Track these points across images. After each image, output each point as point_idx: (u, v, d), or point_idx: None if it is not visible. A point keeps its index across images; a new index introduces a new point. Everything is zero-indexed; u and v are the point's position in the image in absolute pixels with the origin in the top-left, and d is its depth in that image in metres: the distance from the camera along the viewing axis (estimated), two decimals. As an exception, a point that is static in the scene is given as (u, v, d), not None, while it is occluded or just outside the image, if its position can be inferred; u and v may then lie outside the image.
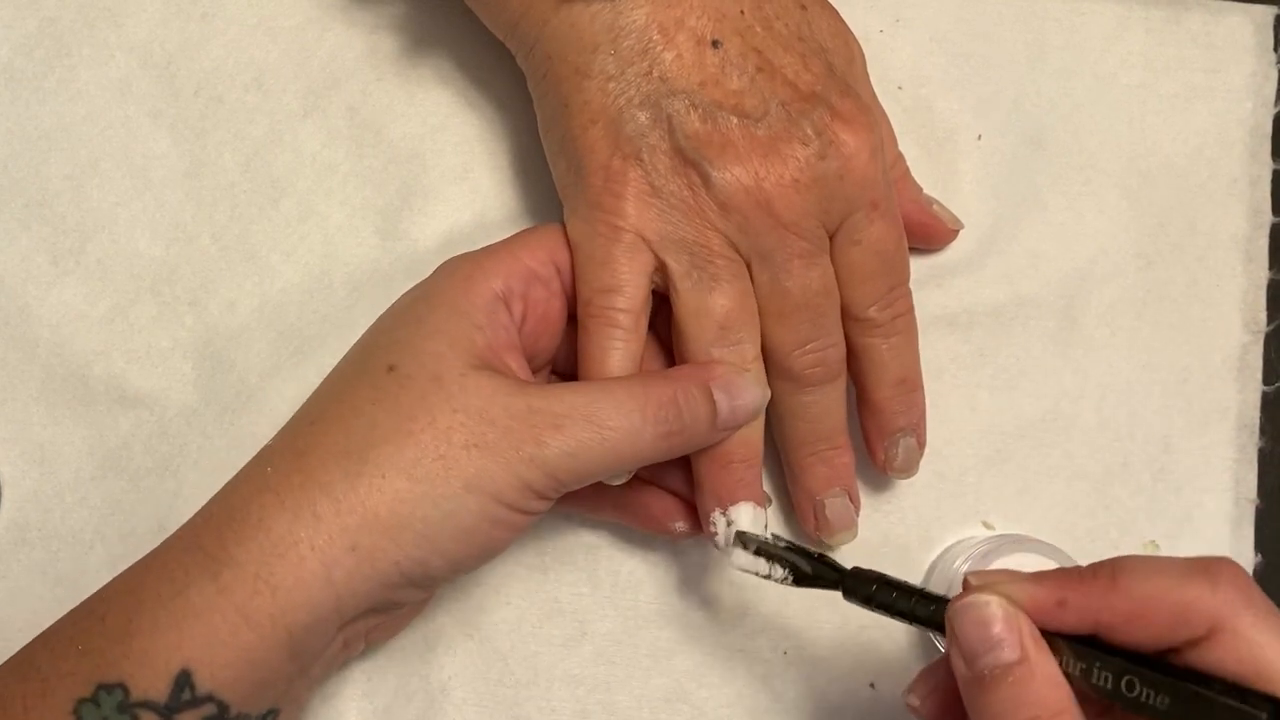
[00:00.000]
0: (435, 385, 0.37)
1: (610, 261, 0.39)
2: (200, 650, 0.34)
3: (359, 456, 0.36)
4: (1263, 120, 0.48)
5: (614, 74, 0.39)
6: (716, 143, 0.39)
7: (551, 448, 0.36)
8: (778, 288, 0.40)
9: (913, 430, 0.43)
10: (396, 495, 0.35)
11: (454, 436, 0.36)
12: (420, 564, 0.36)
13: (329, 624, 0.36)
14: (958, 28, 0.48)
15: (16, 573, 0.44)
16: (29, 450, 0.45)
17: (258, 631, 0.35)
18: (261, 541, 0.35)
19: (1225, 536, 0.46)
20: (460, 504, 0.36)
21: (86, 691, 0.34)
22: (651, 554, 0.46)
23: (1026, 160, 0.47)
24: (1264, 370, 0.47)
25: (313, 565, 0.35)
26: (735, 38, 0.40)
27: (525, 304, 0.40)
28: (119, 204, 0.46)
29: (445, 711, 0.44)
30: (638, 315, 0.40)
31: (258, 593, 0.35)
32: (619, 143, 0.39)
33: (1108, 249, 0.47)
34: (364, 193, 0.47)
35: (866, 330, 0.41)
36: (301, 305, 0.46)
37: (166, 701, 0.34)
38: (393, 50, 0.47)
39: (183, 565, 0.36)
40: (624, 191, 0.39)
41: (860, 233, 0.40)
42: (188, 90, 0.47)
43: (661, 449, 0.38)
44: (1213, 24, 0.48)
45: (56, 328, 0.46)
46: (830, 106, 0.40)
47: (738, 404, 0.39)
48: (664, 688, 0.45)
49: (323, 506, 0.35)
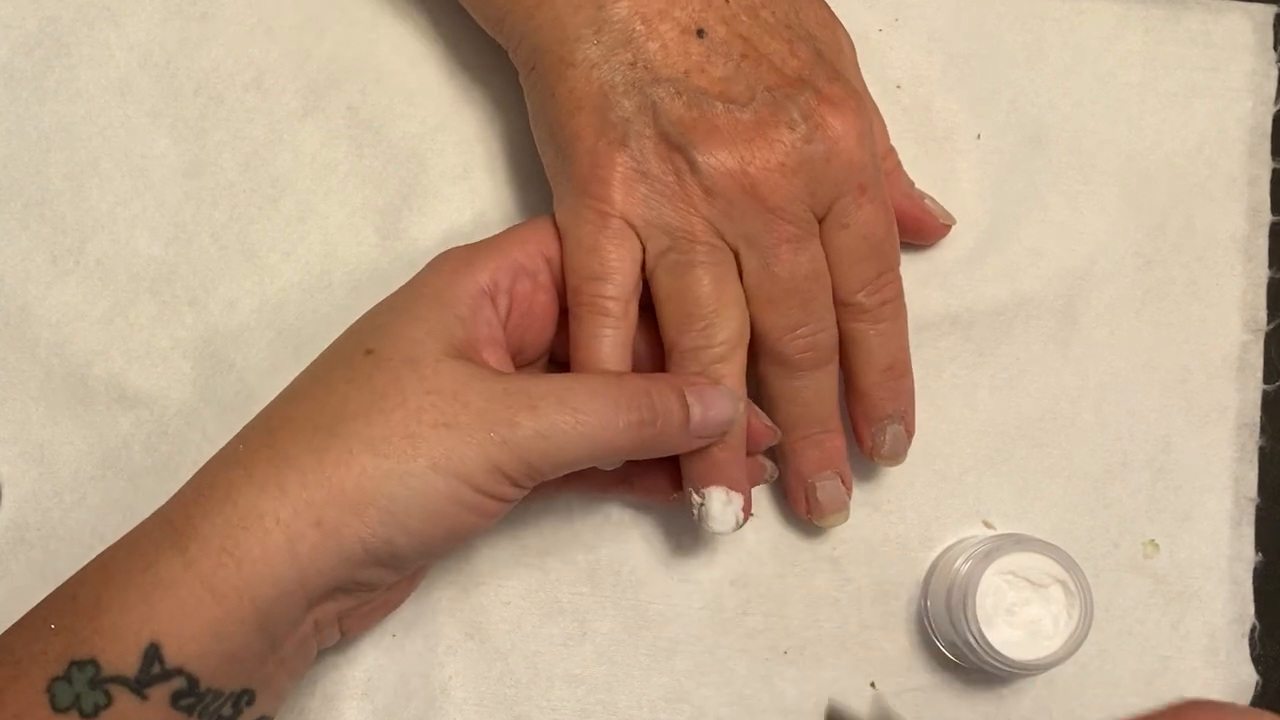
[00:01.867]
0: (410, 368, 0.37)
1: (598, 249, 0.40)
2: (168, 623, 0.35)
3: (328, 432, 0.36)
4: (1262, 119, 0.48)
5: (598, 61, 0.39)
6: (702, 128, 0.39)
7: (524, 429, 0.36)
8: (767, 273, 0.40)
9: (901, 417, 0.43)
10: (363, 471, 0.35)
11: (424, 416, 0.36)
12: (386, 542, 0.36)
13: (295, 599, 0.36)
14: (957, 27, 0.48)
15: (16, 572, 0.44)
16: (28, 450, 0.45)
17: (223, 604, 0.35)
18: (228, 515, 0.35)
19: (1225, 535, 0.46)
20: (427, 483, 0.36)
21: (59, 670, 0.34)
22: (651, 554, 0.46)
23: (1026, 159, 0.47)
24: (1264, 369, 0.47)
25: (277, 539, 0.35)
26: (720, 26, 0.40)
27: (510, 298, 0.40)
28: (118, 203, 0.46)
29: (445, 711, 0.44)
30: (626, 302, 0.40)
31: (222, 565, 0.35)
32: (604, 128, 0.39)
33: (1107, 248, 0.47)
34: (364, 192, 0.47)
35: (854, 315, 0.41)
36: (301, 305, 0.46)
37: (136, 675, 0.34)
38: (392, 50, 0.47)
39: (152, 541, 0.36)
40: (610, 176, 0.39)
41: (848, 216, 0.40)
42: (187, 90, 0.47)
43: (634, 439, 0.38)
44: (1212, 23, 0.48)
45: (56, 327, 0.46)
46: (817, 90, 0.40)
47: (710, 414, 0.39)
48: (664, 688, 0.45)
49: (289, 481, 0.35)
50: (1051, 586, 0.43)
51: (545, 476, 0.38)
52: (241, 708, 0.37)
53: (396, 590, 0.42)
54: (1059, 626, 0.42)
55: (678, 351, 0.40)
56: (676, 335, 0.40)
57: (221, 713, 0.36)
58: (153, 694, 0.34)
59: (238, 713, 0.37)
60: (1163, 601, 0.45)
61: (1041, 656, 0.42)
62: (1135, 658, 0.45)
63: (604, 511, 0.46)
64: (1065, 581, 0.43)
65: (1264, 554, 0.46)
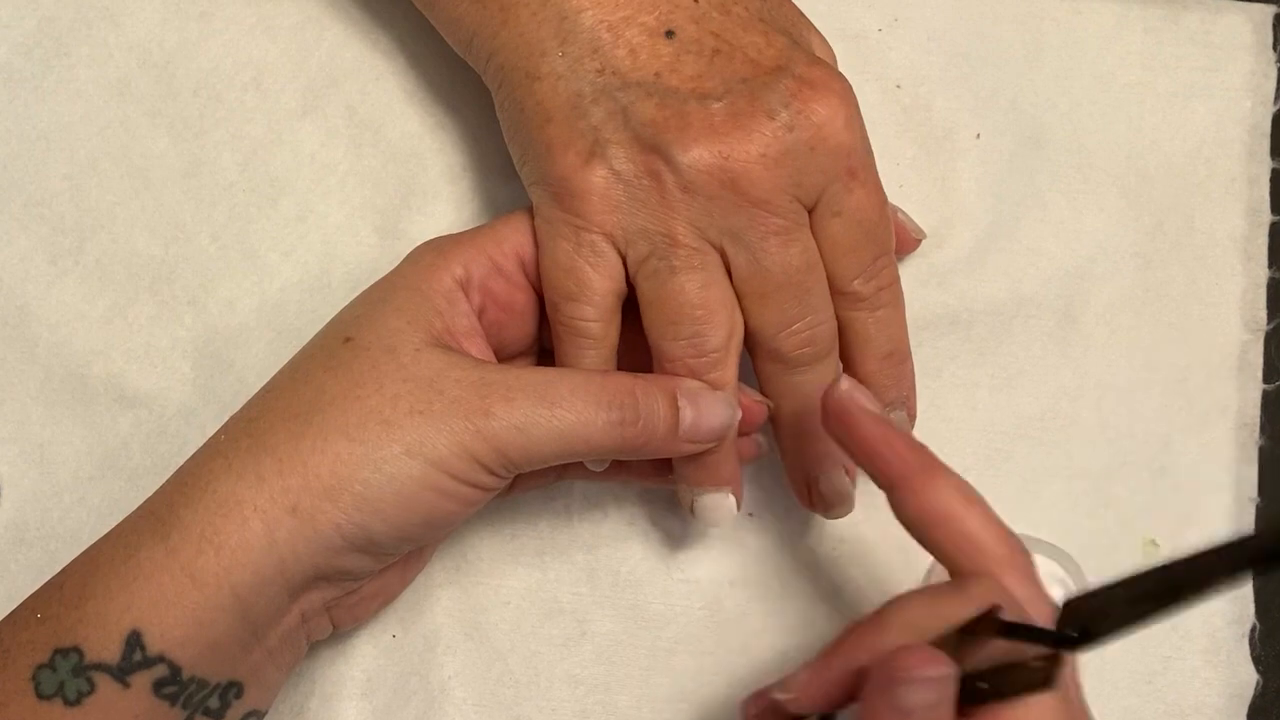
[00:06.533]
0: (388, 356, 0.37)
1: (574, 270, 0.39)
2: (149, 610, 0.35)
3: (304, 419, 0.36)
4: (1261, 119, 0.48)
5: (564, 73, 0.39)
6: (675, 126, 0.38)
7: (499, 420, 0.36)
8: (756, 268, 0.39)
9: (902, 403, 0.42)
10: (337, 457, 0.36)
11: (400, 403, 0.36)
12: (361, 528, 0.36)
13: (276, 587, 0.36)
14: (956, 26, 0.48)
15: (15, 572, 0.44)
16: (28, 450, 0.45)
17: (203, 591, 0.35)
18: (208, 502, 0.36)
19: (1225, 535, 0.46)
20: (401, 468, 0.36)
21: (44, 658, 0.35)
22: (651, 554, 0.46)
23: (1025, 159, 0.47)
24: (1264, 368, 0.47)
25: (255, 526, 0.35)
26: (690, 25, 0.39)
27: (484, 294, 0.40)
28: (118, 203, 0.46)
29: (445, 711, 0.44)
30: (606, 323, 0.40)
31: (202, 552, 0.35)
32: (574, 138, 0.39)
33: (1106, 248, 0.47)
34: (363, 192, 0.47)
35: (851, 304, 0.40)
36: (300, 304, 0.46)
37: (119, 662, 0.35)
38: (391, 49, 0.47)
39: (136, 531, 0.36)
40: (583, 188, 0.38)
41: (839, 203, 0.39)
42: (186, 90, 0.47)
43: (616, 438, 0.38)
44: (1211, 22, 0.48)
45: (55, 327, 0.46)
46: (796, 76, 0.39)
47: (703, 420, 0.39)
48: (664, 688, 0.45)
49: (266, 468, 0.36)
50: (1051, 586, 0.43)
51: (523, 468, 0.37)
52: (229, 700, 0.37)
53: (388, 582, 0.42)
54: (1059, 626, 0.42)
55: (667, 360, 0.40)
56: (663, 343, 0.39)
57: (208, 704, 0.36)
58: (135, 681, 0.35)
59: (225, 705, 0.37)
60: (1163, 601, 0.45)
61: (1041, 656, 0.42)
62: (1135, 658, 0.45)
63: (603, 511, 0.46)
64: (1065, 581, 0.43)
65: (1264, 554, 0.46)
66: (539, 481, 0.43)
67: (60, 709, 0.34)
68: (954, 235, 0.47)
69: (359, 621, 0.42)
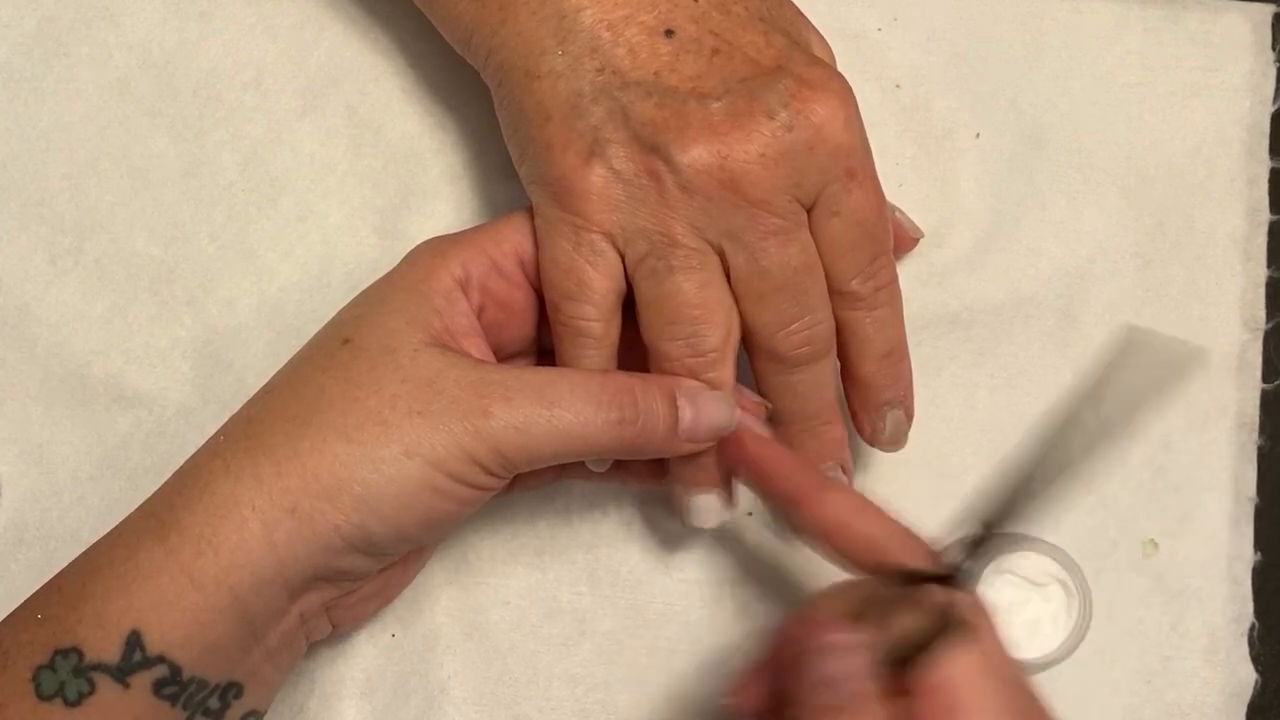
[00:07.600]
0: (387, 357, 0.37)
1: (574, 269, 0.39)
2: (149, 611, 0.35)
3: (302, 420, 0.36)
4: (1260, 118, 0.48)
5: (563, 72, 0.39)
6: (674, 126, 0.38)
7: (498, 420, 0.36)
8: (755, 268, 0.39)
9: (900, 402, 0.42)
10: (335, 457, 0.36)
11: (398, 404, 0.36)
12: (360, 528, 0.36)
13: (275, 587, 0.36)
14: (955, 26, 0.48)
15: (15, 572, 0.44)
16: (27, 450, 0.45)
17: (203, 592, 0.35)
18: (207, 504, 0.36)
19: (1224, 535, 0.46)
20: (399, 468, 0.36)
21: (44, 658, 0.35)
22: (651, 554, 0.46)
23: (1025, 159, 0.47)
24: (1263, 368, 0.47)
25: (254, 527, 0.35)
26: (690, 24, 0.39)
27: (483, 294, 0.40)
28: (117, 203, 0.46)
29: (445, 711, 0.44)
30: (607, 322, 0.40)
31: (201, 553, 0.35)
32: (573, 137, 0.38)
33: (1106, 247, 0.47)
34: (363, 192, 0.47)
35: (849, 304, 0.40)
36: (300, 304, 0.46)
37: (119, 663, 0.35)
38: (391, 49, 0.47)
39: (135, 532, 0.36)
40: (582, 188, 0.38)
41: (838, 204, 0.39)
42: (186, 89, 0.47)
43: (615, 438, 0.38)
44: (1210, 23, 0.48)
45: (55, 327, 0.46)
46: (796, 76, 0.38)
47: (702, 420, 0.39)
48: (664, 688, 0.45)
49: (264, 469, 0.36)
50: (1051, 586, 0.43)
51: (521, 468, 0.37)
52: (229, 701, 0.37)
53: (387, 583, 0.42)
54: (1058, 626, 0.42)
55: (665, 360, 0.39)
56: (660, 343, 0.39)
57: (208, 705, 0.36)
58: (135, 682, 0.35)
59: (225, 706, 0.37)
60: (1162, 601, 0.45)
61: (1040, 656, 0.42)
62: (1135, 657, 0.45)
63: (603, 511, 0.46)
64: (1064, 581, 0.43)
65: (1263, 553, 0.46)
66: (538, 481, 0.43)
67: (60, 709, 0.34)
68: (954, 235, 0.47)
69: (358, 622, 0.42)
